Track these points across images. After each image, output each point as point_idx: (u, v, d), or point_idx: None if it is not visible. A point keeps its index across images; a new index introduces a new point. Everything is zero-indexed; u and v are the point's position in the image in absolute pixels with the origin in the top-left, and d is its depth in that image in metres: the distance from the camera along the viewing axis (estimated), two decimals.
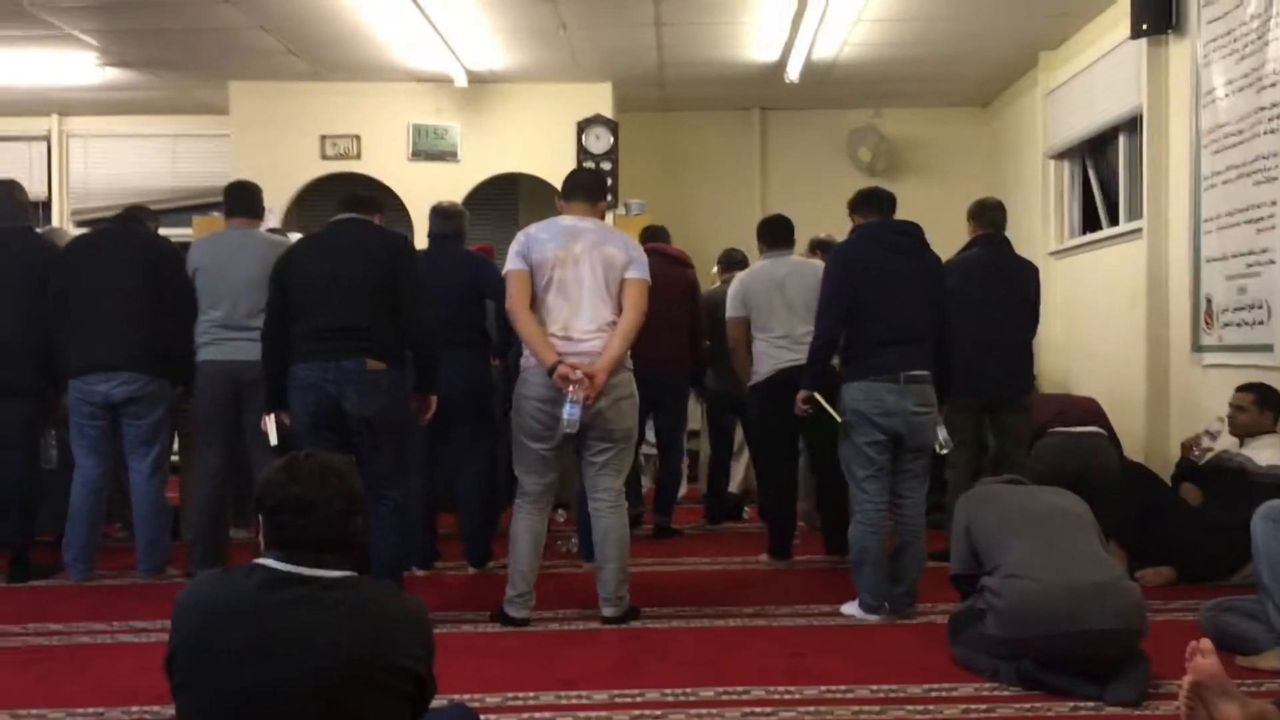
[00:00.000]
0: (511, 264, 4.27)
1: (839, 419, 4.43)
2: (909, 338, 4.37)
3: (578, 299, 4.21)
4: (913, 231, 4.56)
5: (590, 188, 4.45)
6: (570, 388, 4.07)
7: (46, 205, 9.44)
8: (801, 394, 4.59)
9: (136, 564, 5.19)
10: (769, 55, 7.88)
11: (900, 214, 4.70)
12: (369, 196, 4.72)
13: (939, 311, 4.48)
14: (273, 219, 7.32)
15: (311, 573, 2.16)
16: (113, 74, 8.05)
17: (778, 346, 5.33)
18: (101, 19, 6.93)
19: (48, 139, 9.47)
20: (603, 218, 4.50)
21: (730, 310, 5.57)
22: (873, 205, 4.66)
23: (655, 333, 5.85)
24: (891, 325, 4.36)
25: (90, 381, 5.02)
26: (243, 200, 5.35)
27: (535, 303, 4.24)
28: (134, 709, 3.31)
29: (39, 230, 5.88)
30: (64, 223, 9.45)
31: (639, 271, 4.30)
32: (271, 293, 4.45)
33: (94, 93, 8.57)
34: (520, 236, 4.33)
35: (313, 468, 2.22)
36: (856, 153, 9.39)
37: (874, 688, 3.52)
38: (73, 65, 7.80)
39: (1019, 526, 3.65)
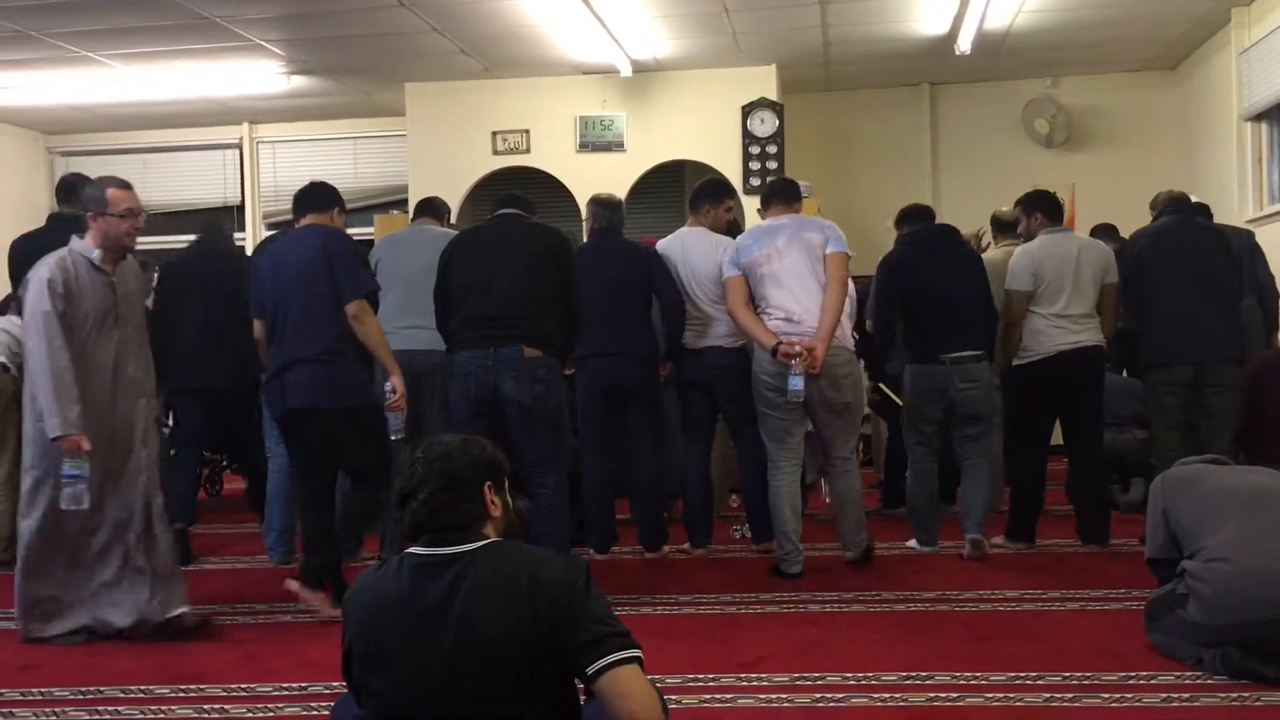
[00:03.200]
0: (728, 271, 4.92)
1: (900, 403, 5.35)
2: (956, 325, 5.07)
3: (790, 285, 4.73)
4: (949, 233, 5.43)
5: (784, 192, 5.04)
6: (793, 362, 4.56)
7: (240, 209, 9.98)
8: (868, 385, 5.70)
9: None
10: (938, 28, 7.67)
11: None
12: (524, 197, 4.88)
13: (980, 299, 5.17)
14: None
15: (453, 551, 2.17)
16: (297, 82, 8.44)
17: (1057, 326, 5.15)
18: (286, 29, 7.27)
19: (239, 146, 10.00)
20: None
21: (1018, 284, 5.23)
22: (915, 217, 5.49)
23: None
24: (939, 315, 5.08)
25: None
26: (428, 206, 5.75)
27: (755, 297, 4.82)
28: (335, 685, 3.46)
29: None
30: (256, 225, 9.97)
31: (837, 245, 4.78)
32: (437, 284, 4.65)
33: (280, 100, 9.01)
34: (731, 249, 4.99)
35: (422, 455, 2.25)
36: (1033, 125, 9.05)
37: (1065, 675, 3.40)
38: (261, 75, 8.21)
39: (1223, 508, 3.46)
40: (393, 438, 4.48)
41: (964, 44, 7.59)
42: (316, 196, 4.62)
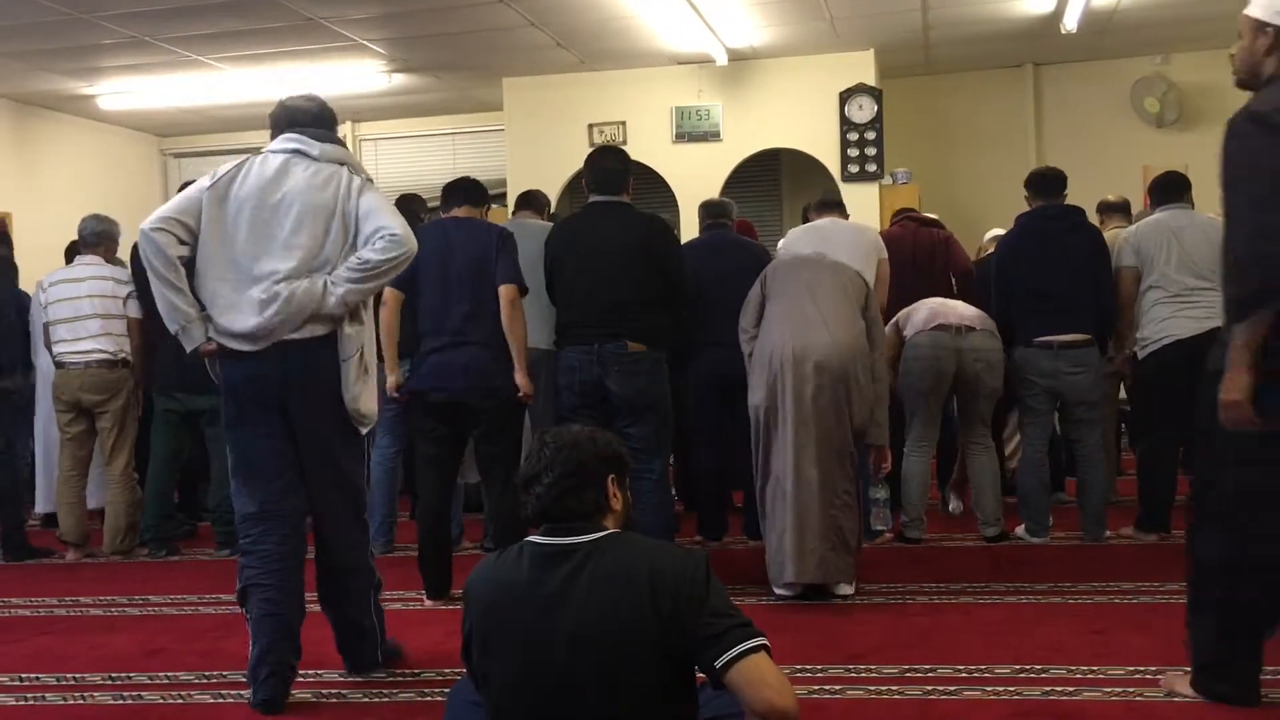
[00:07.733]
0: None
1: None
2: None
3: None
4: (1066, 215, 5.18)
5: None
6: None
7: None
8: None
9: None
10: (1042, 6, 7.49)
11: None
12: (619, 169, 4.66)
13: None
14: None
15: (572, 541, 2.18)
16: (398, 79, 8.59)
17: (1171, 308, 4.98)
18: (387, 28, 7.40)
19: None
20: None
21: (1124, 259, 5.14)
22: (1041, 188, 5.29)
23: (911, 289, 5.73)
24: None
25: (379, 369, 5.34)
26: (528, 199, 5.87)
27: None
28: (446, 671, 3.53)
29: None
30: None
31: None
32: (547, 286, 4.71)
33: (382, 98, 9.17)
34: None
35: (550, 443, 2.26)
36: (1142, 104, 8.80)
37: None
38: (363, 74, 8.37)
39: None
40: None
41: (1070, 22, 7.39)
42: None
